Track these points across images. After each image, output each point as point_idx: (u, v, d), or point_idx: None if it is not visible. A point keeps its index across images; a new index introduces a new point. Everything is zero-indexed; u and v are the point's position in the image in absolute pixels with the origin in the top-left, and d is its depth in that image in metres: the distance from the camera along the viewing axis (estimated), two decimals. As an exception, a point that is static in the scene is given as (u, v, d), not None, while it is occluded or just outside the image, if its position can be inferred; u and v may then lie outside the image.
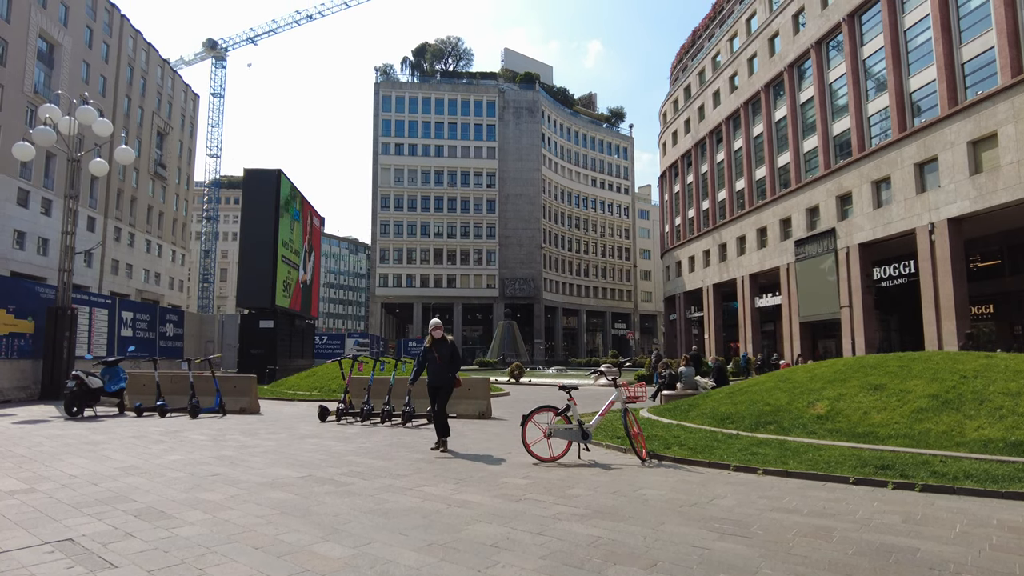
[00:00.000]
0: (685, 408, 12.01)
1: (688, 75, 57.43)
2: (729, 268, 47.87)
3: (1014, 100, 24.39)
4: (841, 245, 34.23)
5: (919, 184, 29.24)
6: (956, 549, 4.46)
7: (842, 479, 6.77)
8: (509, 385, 30.06)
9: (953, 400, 8.92)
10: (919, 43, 29.94)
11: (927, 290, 28.42)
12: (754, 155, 45.09)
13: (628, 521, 5.20)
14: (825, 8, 36.35)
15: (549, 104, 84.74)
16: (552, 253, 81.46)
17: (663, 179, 64.29)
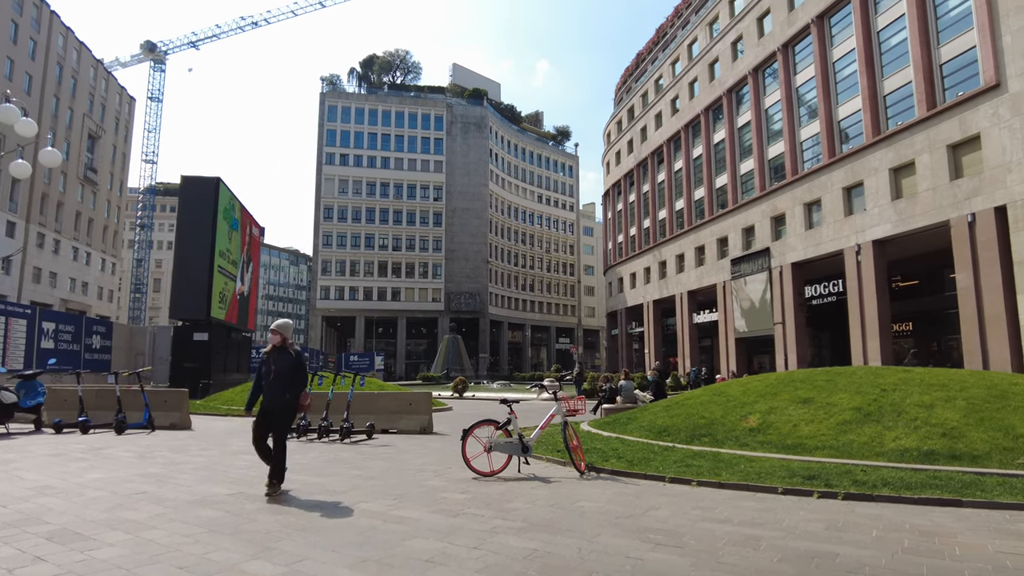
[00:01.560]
0: (624, 421, 12.22)
1: (632, 97, 58.97)
2: (669, 285, 49.09)
3: (929, 132, 26.05)
4: (775, 264, 35.63)
5: (847, 207, 30.79)
6: (872, 553, 4.69)
7: (771, 489, 7.02)
8: (453, 400, 29.88)
9: (874, 412, 9.40)
10: (846, 74, 31.67)
11: (854, 308, 29.85)
12: (694, 176, 46.56)
13: (565, 533, 5.25)
14: (762, 37, 38.05)
15: (497, 120, 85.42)
16: (498, 268, 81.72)
17: (607, 197, 65.57)
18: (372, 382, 23.47)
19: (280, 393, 6.90)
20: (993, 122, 23.32)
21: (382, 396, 15.37)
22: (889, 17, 28.92)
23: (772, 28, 36.98)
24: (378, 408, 14.53)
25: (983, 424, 8.50)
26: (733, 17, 41.26)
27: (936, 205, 25.56)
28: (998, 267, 22.91)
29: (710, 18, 44.71)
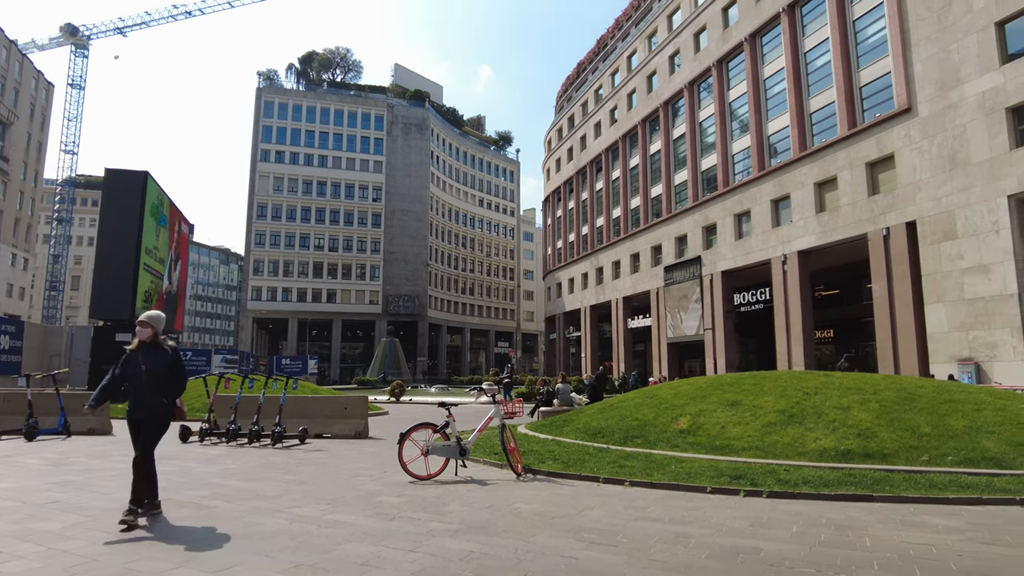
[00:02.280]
0: (560, 424, 12.40)
1: (572, 105, 59.91)
2: (605, 291, 50.04)
3: (850, 149, 27.60)
4: (706, 272, 36.87)
5: (775, 219, 32.21)
6: (792, 547, 4.95)
7: (700, 489, 7.28)
8: (390, 404, 29.50)
9: (797, 415, 9.87)
10: (776, 92, 33.18)
11: (780, 315, 31.23)
12: (630, 185, 47.68)
13: (501, 535, 5.30)
14: (698, 53, 39.39)
15: (438, 123, 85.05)
16: (438, 271, 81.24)
17: (546, 203, 66.31)
18: (305, 386, 22.93)
19: (154, 397, 5.74)
20: (905, 143, 24.92)
21: (316, 400, 15.05)
22: (815, 40, 30.49)
23: (708, 44, 38.34)
24: (311, 412, 14.22)
25: (893, 424, 9.07)
26: (671, 32, 42.55)
27: (855, 219, 27.07)
28: (909, 279, 24.46)
29: (649, 31, 45.96)
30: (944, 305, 22.91)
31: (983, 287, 21.55)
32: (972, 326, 21.86)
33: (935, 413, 9.36)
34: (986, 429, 8.79)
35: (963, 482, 7.17)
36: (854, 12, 28.36)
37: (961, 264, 22.37)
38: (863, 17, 27.94)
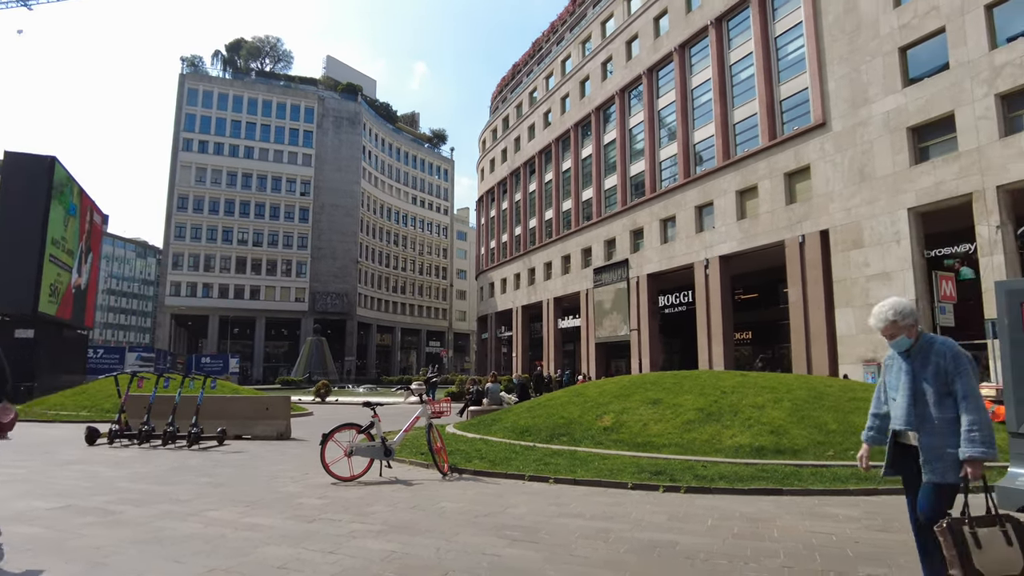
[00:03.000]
0: (488, 423, 12.45)
1: (507, 107, 60.21)
2: (537, 291, 50.55)
3: (770, 160, 28.95)
4: (633, 275, 37.84)
5: (698, 224, 33.39)
6: (707, 540, 5.15)
7: (622, 485, 7.47)
8: (315, 404, 28.76)
9: (715, 412, 10.27)
10: (702, 102, 34.40)
11: (701, 317, 32.40)
12: (562, 188, 48.35)
13: (424, 534, 5.28)
14: (630, 60, 40.35)
15: (371, 118, 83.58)
16: (368, 268, 79.79)
17: (480, 203, 66.37)
18: (225, 385, 22.08)
19: None
20: (820, 155, 26.36)
21: (236, 400, 14.52)
22: (740, 53, 31.81)
23: (639, 53, 39.34)
24: (231, 413, 13.70)
25: (803, 422, 9.58)
26: (604, 38, 43.42)
27: (774, 226, 28.41)
28: (821, 284, 25.88)
29: (583, 37, 46.74)
30: (852, 309, 24.36)
31: (886, 293, 23.03)
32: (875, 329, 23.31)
33: (841, 411, 9.95)
34: (884, 425, 9.40)
35: (862, 474, 7.64)
36: (776, 29, 29.77)
37: (867, 271, 23.86)
38: (784, 34, 29.36)
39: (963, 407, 3.29)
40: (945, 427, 3.33)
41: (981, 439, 3.17)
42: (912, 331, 3.56)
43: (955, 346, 3.44)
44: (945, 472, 3.29)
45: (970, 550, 3.03)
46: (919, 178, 22.26)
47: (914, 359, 3.55)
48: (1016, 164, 19.41)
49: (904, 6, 23.38)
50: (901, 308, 3.55)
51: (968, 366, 3.36)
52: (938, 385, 3.40)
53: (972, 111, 20.76)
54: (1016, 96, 19.98)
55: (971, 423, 3.22)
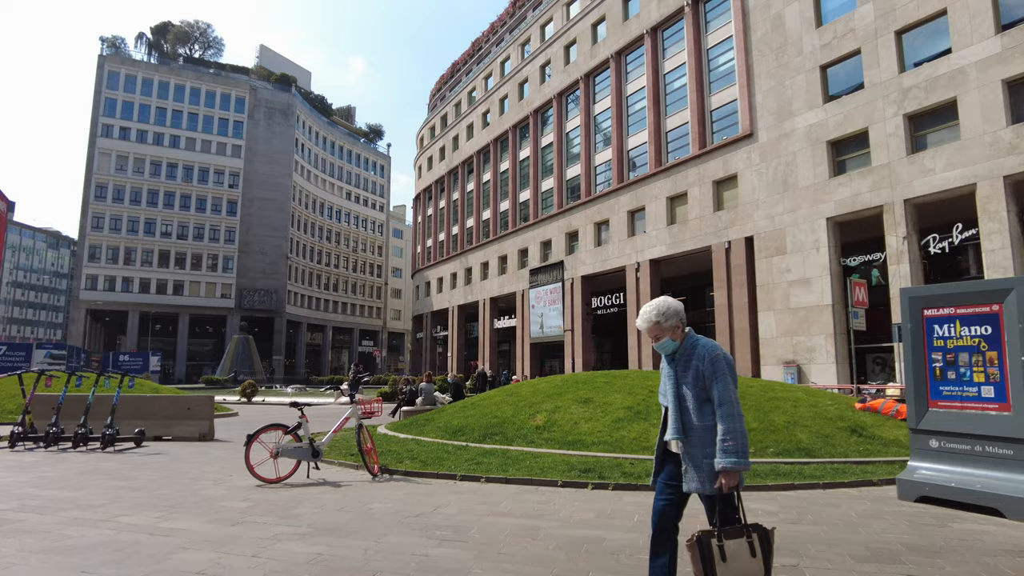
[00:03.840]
0: (421, 423, 12.36)
1: (446, 105, 59.90)
2: (473, 291, 50.52)
3: (700, 168, 29.95)
4: (568, 276, 38.37)
5: (631, 228, 34.18)
6: (634, 536, 5.29)
7: (552, 483, 7.57)
8: (240, 405, 27.83)
9: (643, 411, 10.55)
10: (637, 109, 35.23)
11: (632, 318, 33.16)
12: (500, 189, 48.52)
13: (352, 536, 5.20)
14: (567, 65, 40.87)
15: (305, 110, 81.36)
16: (299, 264, 77.60)
17: (417, 201, 65.75)
18: (145, 384, 21.06)
19: None
20: (747, 165, 27.46)
21: (155, 400, 13.87)
22: (674, 63, 32.75)
23: (577, 58, 39.92)
24: (150, 413, 13.08)
25: (725, 421, 9.95)
26: (543, 42, 43.82)
27: (702, 232, 29.40)
28: (746, 288, 26.96)
29: (522, 39, 47.04)
30: (774, 313, 25.49)
31: (805, 298, 24.26)
32: (795, 332, 24.52)
33: (761, 410, 10.40)
34: (801, 423, 9.91)
35: (780, 470, 8.04)
36: (708, 41, 30.81)
37: (788, 277, 25.02)
38: (715, 47, 30.42)
39: (718, 414, 3.11)
40: (704, 435, 3.15)
41: (734, 448, 3.02)
42: (677, 333, 3.34)
43: (715, 349, 3.24)
44: (703, 482, 3.13)
45: (715, 564, 2.98)
46: (837, 190, 23.52)
47: (678, 363, 3.34)
48: (920, 180, 20.80)
49: (825, 27, 24.65)
50: (664, 308, 3.35)
51: (726, 370, 3.17)
52: (697, 391, 3.21)
53: (884, 129, 22.10)
54: (921, 117, 21.40)
55: (725, 432, 3.06)
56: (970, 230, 19.98)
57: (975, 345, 6.51)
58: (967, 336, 6.58)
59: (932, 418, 6.79)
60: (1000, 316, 6.32)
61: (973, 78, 19.75)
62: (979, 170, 19.34)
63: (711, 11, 30.74)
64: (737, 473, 3.05)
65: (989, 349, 6.41)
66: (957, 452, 6.54)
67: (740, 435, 3.06)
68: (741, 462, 3.02)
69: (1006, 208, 18.75)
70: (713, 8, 30.62)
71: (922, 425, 6.86)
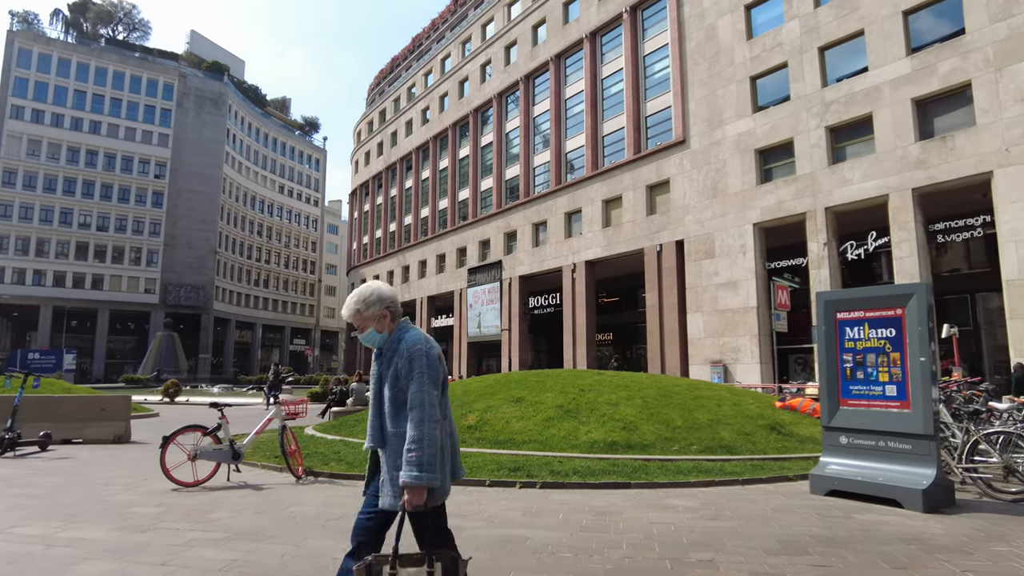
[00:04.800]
0: (351, 424, 12.12)
1: (385, 100, 59.02)
2: (411, 289, 49.99)
3: (634, 172, 30.59)
4: (506, 276, 38.49)
5: (567, 230, 34.59)
6: (557, 534, 5.33)
7: (480, 482, 7.56)
8: (162, 405, 26.62)
9: (573, 409, 10.67)
10: (575, 112, 35.67)
11: (568, 318, 33.59)
12: (439, 187, 48.19)
13: (270, 540, 5.04)
14: (507, 65, 40.97)
15: (238, 100, 78.49)
16: (229, 260, 74.80)
17: (353, 196, 64.53)
18: (56, 384, 19.86)
19: None
20: (679, 171, 28.23)
21: (65, 400, 13.08)
22: (612, 68, 33.31)
23: (517, 59, 40.07)
24: (59, 415, 12.32)
25: (652, 418, 10.20)
26: (484, 41, 43.79)
27: (635, 235, 30.05)
28: (676, 290, 27.70)
29: (463, 38, 46.86)
30: (702, 314, 26.31)
31: (732, 300, 25.14)
32: (722, 333, 25.38)
33: (687, 408, 10.71)
34: (724, 421, 10.25)
35: (703, 467, 8.30)
36: (645, 48, 31.50)
37: (716, 280, 25.87)
38: (652, 54, 31.14)
39: (409, 420, 2.67)
40: (399, 444, 2.71)
41: (417, 460, 2.58)
42: (384, 323, 2.88)
43: (416, 343, 2.77)
44: (395, 498, 2.69)
45: None
46: (763, 196, 24.49)
47: (383, 359, 2.88)
48: (840, 189, 21.91)
49: (755, 39, 25.62)
50: (368, 295, 2.89)
51: (424, 368, 2.71)
52: (396, 392, 2.76)
53: (807, 139, 23.16)
54: (841, 130, 22.55)
55: (410, 441, 2.63)
56: (883, 238, 21.18)
57: (881, 347, 6.89)
58: (874, 338, 6.96)
59: (842, 416, 7.15)
60: (903, 319, 6.72)
61: (887, 95, 20.95)
62: (891, 182, 20.53)
63: (648, 19, 31.46)
64: (422, 490, 2.58)
65: (893, 350, 6.80)
66: (863, 448, 6.91)
67: (428, 445, 2.61)
68: (424, 476, 2.56)
69: (914, 218, 19.98)
70: (650, 16, 31.34)
71: (833, 423, 7.21)
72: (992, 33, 18.78)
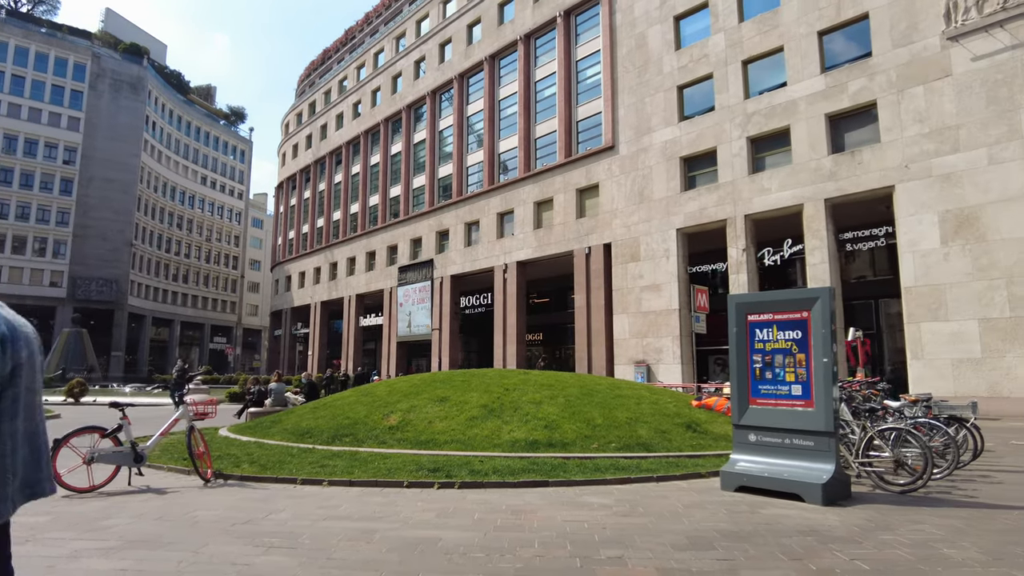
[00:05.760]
0: (267, 425, 11.72)
1: (315, 92, 57.48)
2: (338, 287, 48.87)
3: (565, 176, 30.99)
4: (437, 275, 38.21)
5: (500, 230, 34.68)
6: (470, 534, 5.29)
7: (398, 484, 7.43)
8: (65, 406, 24.97)
9: (497, 409, 10.67)
10: (508, 113, 35.79)
11: (499, 318, 33.68)
12: (370, 182, 47.34)
13: (167, 547, 4.78)
14: (442, 63, 40.68)
15: (159, 85, 74.57)
16: (145, 253, 70.94)
17: (280, 190, 62.54)
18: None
19: None
20: (608, 175, 28.78)
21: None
22: (545, 71, 33.62)
23: (452, 57, 39.85)
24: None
25: (574, 417, 10.32)
26: (419, 37, 43.32)
27: (565, 237, 30.44)
28: (603, 292, 28.24)
29: (398, 33, 46.21)
30: (627, 316, 26.92)
31: (655, 302, 25.84)
32: (646, 334, 26.05)
33: (607, 407, 10.90)
34: (642, 420, 10.49)
35: (620, 465, 8.45)
36: (577, 53, 31.95)
37: (641, 282, 26.53)
38: (584, 59, 31.61)
39: None
40: None
41: None
42: None
43: None
44: None
45: None
46: (687, 203, 25.29)
47: None
48: (759, 198, 22.90)
49: (683, 50, 26.43)
50: None
51: None
52: None
53: (729, 149, 24.08)
54: (761, 140, 23.57)
55: None
56: (798, 245, 22.28)
57: (788, 348, 7.20)
58: (782, 339, 7.27)
59: (752, 414, 7.43)
60: (808, 322, 7.04)
61: (803, 110, 22.05)
62: (805, 192, 21.61)
63: (581, 24, 31.93)
64: None
65: (799, 351, 7.12)
66: (771, 445, 7.20)
67: None
68: None
69: (826, 227, 21.10)
70: (584, 22, 31.82)
71: (743, 421, 7.48)
72: (895, 57, 20.07)
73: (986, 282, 17.70)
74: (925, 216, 18.97)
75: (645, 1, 28.15)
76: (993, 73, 18.13)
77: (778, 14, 23.24)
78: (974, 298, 17.87)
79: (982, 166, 18.04)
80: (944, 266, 18.53)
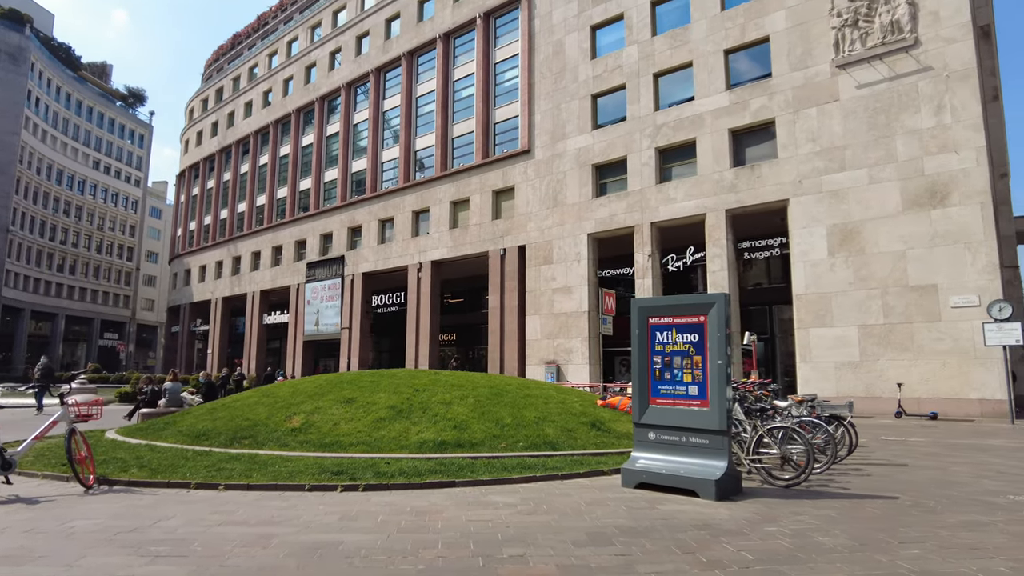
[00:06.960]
0: (160, 426, 11.06)
1: (223, 77, 54.76)
2: (242, 282, 46.77)
3: (482, 177, 31.08)
4: (348, 272, 37.33)
5: (415, 228, 34.31)
6: (373, 537, 5.22)
7: (299, 487, 7.22)
8: (-78, 406, 22.46)
9: (405, 409, 10.57)
10: (426, 111, 35.49)
11: (412, 318, 33.31)
12: (279, 174, 45.62)
13: (37, 562, 4.43)
14: (358, 56, 39.80)
15: (44, 59, 68.58)
16: (25, 240, 65.07)
17: (181, 178, 59.14)
18: None
19: None
20: (523, 179, 29.13)
21: None
22: (464, 71, 33.58)
23: (369, 50, 39.08)
24: None
25: (483, 417, 10.38)
26: (335, 28, 42.19)
27: (481, 238, 30.54)
28: (517, 293, 28.55)
29: (313, 22, 44.81)
30: (539, 317, 27.35)
31: (566, 304, 26.40)
32: (557, 335, 26.56)
33: (516, 406, 11.03)
34: (549, 419, 10.69)
35: (527, 463, 8.57)
36: (496, 56, 32.13)
37: (553, 284, 27.03)
38: (503, 62, 31.84)
39: None
40: None
41: None
42: None
43: None
44: None
45: None
46: (598, 209, 25.99)
47: None
48: (665, 206, 23.87)
49: (598, 59, 27.15)
50: None
51: None
52: None
53: (639, 159, 24.96)
54: (668, 152, 24.59)
55: None
56: (699, 253, 23.38)
57: (686, 350, 7.56)
58: (681, 342, 7.62)
59: (651, 413, 7.74)
60: (705, 325, 7.42)
61: (708, 124, 23.18)
62: (708, 203, 22.73)
63: (501, 27, 32.15)
64: None
65: (696, 354, 7.49)
66: (669, 443, 7.53)
67: None
68: None
69: (726, 237, 22.28)
70: (503, 25, 32.05)
71: (643, 420, 7.78)
72: (792, 80, 21.48)
73: (865, 291, 19.27)
74: (815, 229, 20.41)
75: (563, 8, 28.71)
76: (873, 101, 19.77)
77: (688, 30, 24.32)
78: (855, 306, 19.40)
79: (864, 184, 19.63)
80: (831, 276, 20.01)
